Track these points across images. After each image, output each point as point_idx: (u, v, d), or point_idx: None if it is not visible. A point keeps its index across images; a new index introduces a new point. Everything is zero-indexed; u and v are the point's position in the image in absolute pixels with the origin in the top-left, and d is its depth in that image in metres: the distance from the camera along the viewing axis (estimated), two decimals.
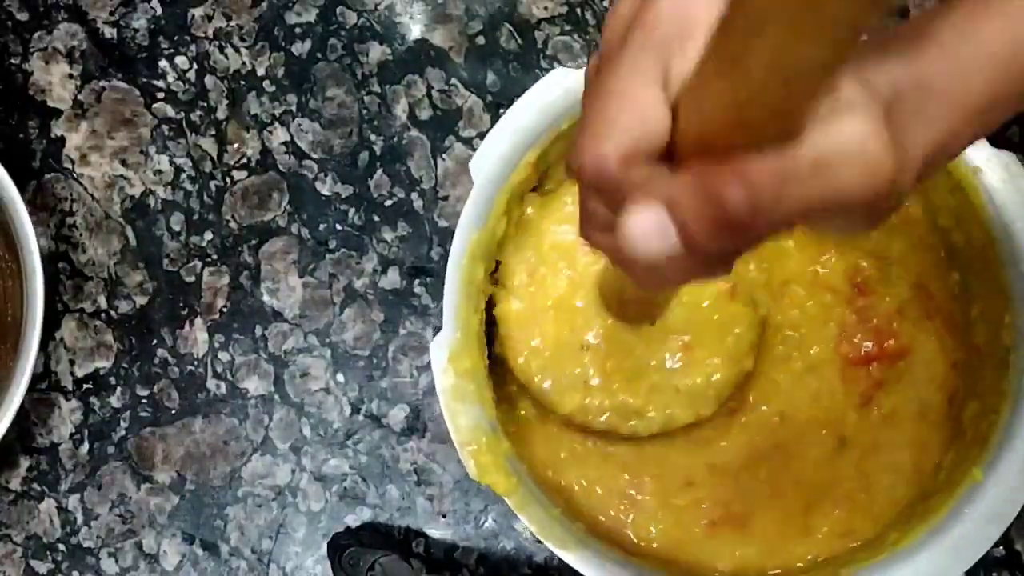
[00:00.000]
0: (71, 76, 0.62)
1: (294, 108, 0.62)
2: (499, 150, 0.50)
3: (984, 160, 0.49)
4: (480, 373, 0.50)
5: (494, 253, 0.52)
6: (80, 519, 0.60)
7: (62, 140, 0.62)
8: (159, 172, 0.62)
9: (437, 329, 0.50)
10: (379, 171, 0.62)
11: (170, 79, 0.62)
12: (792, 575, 0.53)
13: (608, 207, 0.26)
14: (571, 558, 0.49)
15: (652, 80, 0.24)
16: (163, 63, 0.62)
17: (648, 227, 0.23)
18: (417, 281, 0.61)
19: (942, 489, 0.51)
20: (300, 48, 0.62)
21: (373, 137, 0.62)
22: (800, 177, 0.22)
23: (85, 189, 0.62)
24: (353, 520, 0.60)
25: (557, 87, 0.50)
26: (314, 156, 0.62)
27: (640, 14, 0.25)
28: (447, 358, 0.49)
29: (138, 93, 0.62)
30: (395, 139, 0.62)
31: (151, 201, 0.62)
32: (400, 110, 0.62)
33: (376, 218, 0.61)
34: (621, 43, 0.25)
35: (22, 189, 0.53)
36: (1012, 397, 0.49)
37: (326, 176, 0.62)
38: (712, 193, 0.22)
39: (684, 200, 0.22)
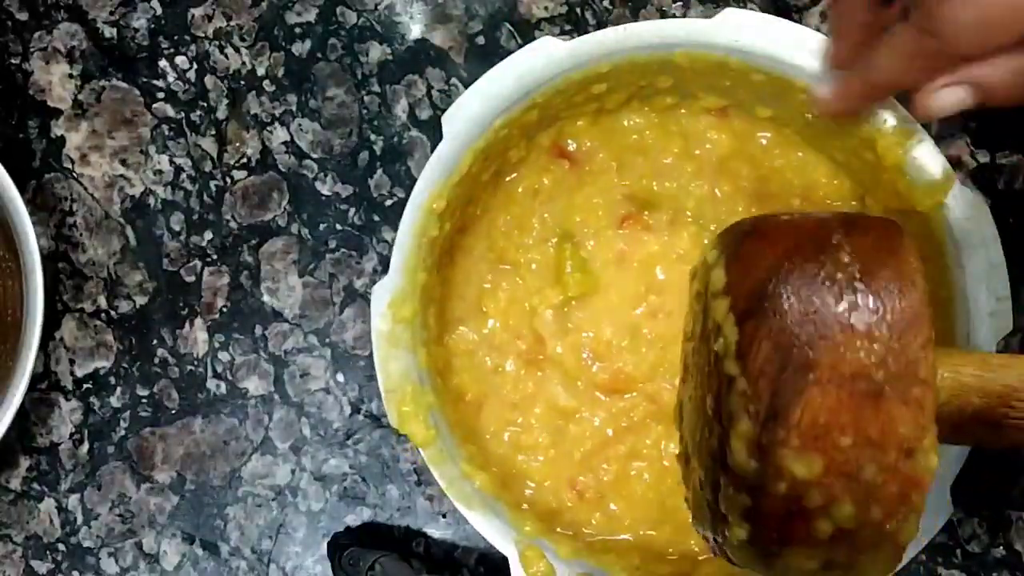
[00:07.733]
0: (71, 76, 0.62)
1: (294, 108, 0.62)
2: (470, 110, 0.49)
3: (950, 196, 0.48)
4: (418, 323, 0.49)
5: (455, 212, 0.51)
6: (80, 519, 0.60)
7: (62, 140, 0.62)
8: (159, 172, 0.62)
9: None
10: (379, 171, 0.62)
11: (170, 79, 0.62)
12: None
13: None
14: (474, 518, 0.48)
15: None
16: (163, 63, 0.62)
17: None
18: None
19: None
20: (300, 48, 0.62)
21: (373, 137, 0.62)
22: None
23: (85, 189, 0.62)
24: (353, 520, 0.60)
25: (541, 55, 0.49)
26: (314, 156, 0.62)
27: None
28: (388, 303, 0.49)
29: (138, 93, 0.62)
30: (395, 139, 0.62)
31: (151, 201, 0.62)
32: (400, 110, 0.62)
33: (376, 218, 0.61)
34: None
35: (22, 189, 0.53)
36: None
37: (326, 176, 0.62)
38: None
39: None
